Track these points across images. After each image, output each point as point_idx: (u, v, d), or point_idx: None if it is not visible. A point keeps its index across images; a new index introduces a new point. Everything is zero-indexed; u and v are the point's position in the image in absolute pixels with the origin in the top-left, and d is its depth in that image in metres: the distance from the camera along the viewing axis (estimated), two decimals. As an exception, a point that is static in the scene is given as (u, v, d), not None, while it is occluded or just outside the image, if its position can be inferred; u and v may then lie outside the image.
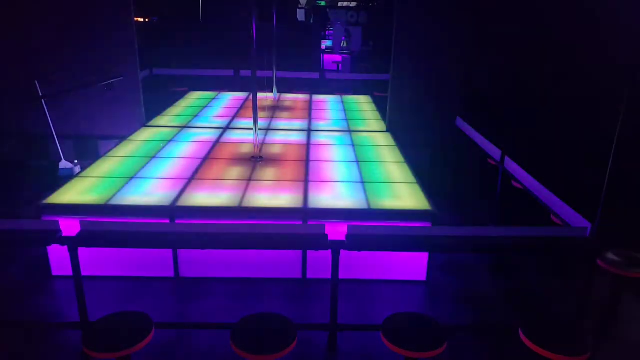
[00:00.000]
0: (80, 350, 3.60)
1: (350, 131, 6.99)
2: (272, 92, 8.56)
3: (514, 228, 3.68)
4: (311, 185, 4.86)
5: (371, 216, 4.34)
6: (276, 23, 8.18)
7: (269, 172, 5.21)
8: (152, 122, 7.21)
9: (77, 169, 6.80)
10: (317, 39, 11.88)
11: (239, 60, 9.62)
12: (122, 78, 7.05)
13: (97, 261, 4.47)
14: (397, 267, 4.60)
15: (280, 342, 2.89)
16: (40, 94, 6.74)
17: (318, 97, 9.42)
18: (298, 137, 6.59)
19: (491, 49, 6.32)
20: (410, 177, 5.15)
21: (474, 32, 6.80)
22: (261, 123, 6.38)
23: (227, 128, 6.98)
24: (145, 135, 6.55)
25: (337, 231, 3.54)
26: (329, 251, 3.47)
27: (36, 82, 6.71)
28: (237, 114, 7.89)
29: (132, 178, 4.92)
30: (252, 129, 5.53)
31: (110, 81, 6.94)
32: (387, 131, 7.09)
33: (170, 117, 7.61)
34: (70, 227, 3.54)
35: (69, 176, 5.57)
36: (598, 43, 4.01)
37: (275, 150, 6.02)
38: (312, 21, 13.29)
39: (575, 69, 4.37)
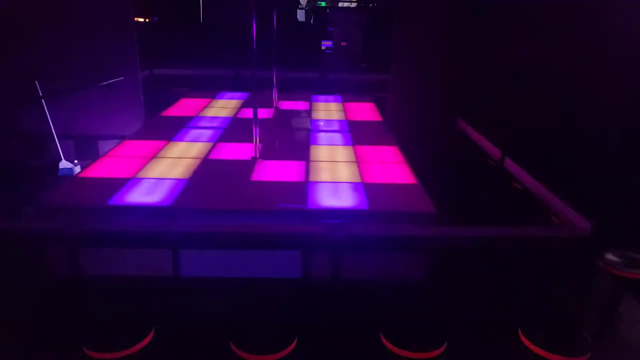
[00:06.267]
0: (80, 350, 3.60)
1: (350, 131, 6.99)
2: (272, 97, 8.53)
3: (514, 228, 3.69)
4: (311, 185, 4.86)
5: (371, 216, 4.34)
6: (276, 23, 8.18)
7: (269, 172, 5.21)
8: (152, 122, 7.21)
9: (77, 169, 6.79)
10: (317, 39, 11.88)
11: (239, 60, 9.62)
12: (122, 78, 7.05)
13: (97, 261, 4.46)
14: (397, 267, 4.60)
15: (280, 342, 2.89)
16: (40, 94, 6.74)
17: (318, 97, 9.42)
18: (298, 137, 6.58)
19: (491, 49, 6.32)
20: (411, 177, 5.15)
21: (474, 32, 6.80)
22: (261, 123, 6.37)
23: (227, 128, 6.97)
24: (144, 135, 6.54)
25: (337, 231, 3.54)
26: (329, 251, 3.47)
27: (36, 82, 6.71)
28: (237, 114, 7.89)
29: (132, 178, 4.92)
30: (252, 129, 5.53)
31: (110, 81, 6.94)
32: (387, 131, 7.09)
33: (170, 117, 7.61)
34: (70, 227, 3.54)
35: (69, 176, 5.57)
36: (598, 43, 4.01)
37: (275, 150, 6.02)
38: (312, 21, 13.29)
39: (575, 69, 4.37)
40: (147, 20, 10.40)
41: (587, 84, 4.11)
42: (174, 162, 5.45)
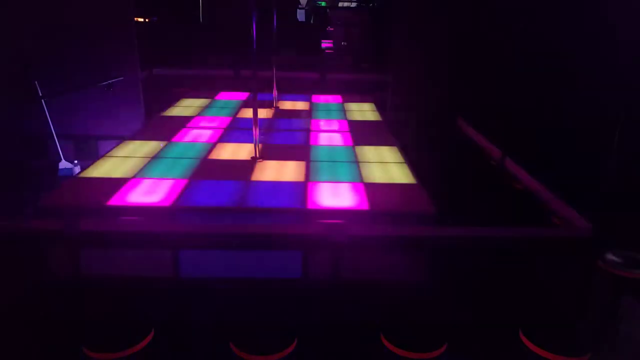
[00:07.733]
0: (80, 350, 3.60)
1: (350, 131, 6.99)
2: (272, 97, 8.53)
3: (514, 228, 3.69)
4: (311, 184, 4.86)
5: (371, 216, 4.34)
6: (276, 23, 8.18)
7: (269, 172, 5.21)
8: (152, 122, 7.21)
9: (77, 169, 6.79)
10: (317, 39, 11.89)
11: (239, 60, 9.62)
12: (122, 78, 7.05)
13: (97, 261, 4.46)
14: (397, 267, 4.59)
15: (280, 342, 2.89)
16: (40, 94, 6.74)
17: (318, 97, 9.42)
18: (298, 137, 6.59)
19: (492, 49, 6.32)
20: (411, 177, 5.16)
21: (474, 32, 6.80)
22: (261, 123, 6.38)
23: (227, 128, 6.98)
24: (144, 135, 6.55)
25: (337, 231, 3.54)
26: (329, 251, 3.47)
27: (36, 82, 6.71)
28: (237, 113, 7.89)
29: (132, 178, 4.92)
30: (252, 128, 5.53)
31: (110, 81, 6.93)
32: (387, 131, 7.08)
33: (170, 117, 7.62)
34: (70, 227, 3.54)
35: (69, 176, 5.57)
36: (599, 43, 4.01)
37: (275, 150, 6.02)
38: (312, 21, 13.30)
39: (576, 69, 4.37)
40: (147, 20, 10.39)
41: (588, 84, 4.11)
42: (174, 162, 5.45)
